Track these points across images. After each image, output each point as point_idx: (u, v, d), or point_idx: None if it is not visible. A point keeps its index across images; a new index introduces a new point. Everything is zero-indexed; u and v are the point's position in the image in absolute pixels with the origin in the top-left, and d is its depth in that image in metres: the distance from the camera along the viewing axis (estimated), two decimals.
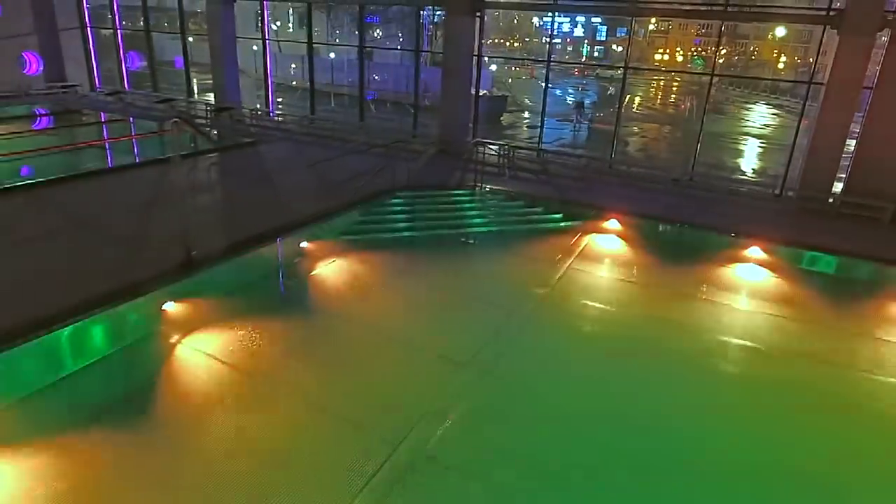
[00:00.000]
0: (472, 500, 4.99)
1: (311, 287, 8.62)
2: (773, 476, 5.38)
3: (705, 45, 57.53)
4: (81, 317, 6.36)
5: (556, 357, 7.32)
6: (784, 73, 47.08)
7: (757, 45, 58.19)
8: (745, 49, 58.36)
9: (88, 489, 4.79)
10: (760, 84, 46.77)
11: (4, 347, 5.74)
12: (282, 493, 4.85)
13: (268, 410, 5.93)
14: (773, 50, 55.45)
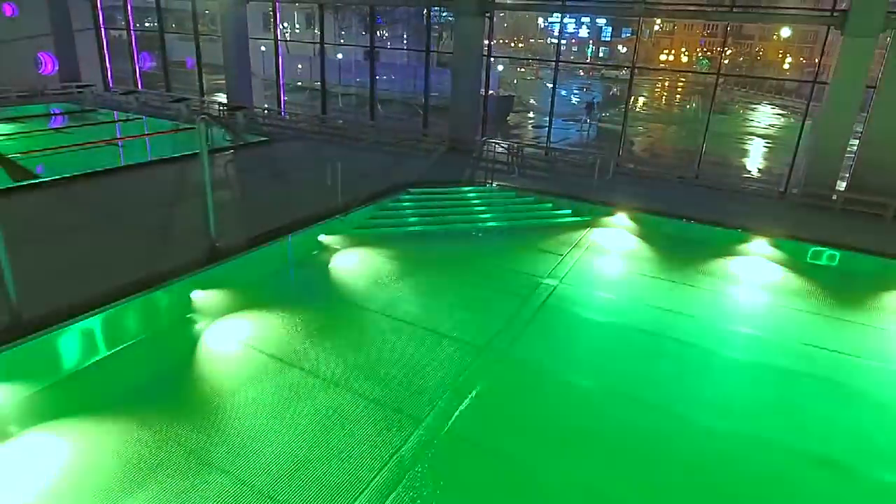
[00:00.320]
0: (487, 469, 5.33)
1: (330, 277, 8.97)
2: (776, 452, 5.71)
3: (710, 46, 57.67)
4: (115, 303, 6.71)
5: (567, 341, 7.68)
6: (789, 74, 47.17)
7: (762, 46, 58.28)
8: (751, 50, 58.47)
9: (127, 461, 5.12)
10: (765, 85, 46.90)
11: (45, 331, 6.09)
12: (312, 466, 5.17)
13: (294, 390, 6.26)
14: (779, 50, 55.53)
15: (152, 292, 7.07)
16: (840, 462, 5.66)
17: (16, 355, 5.84)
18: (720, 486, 5.28)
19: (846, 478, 5.52)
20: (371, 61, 19.24)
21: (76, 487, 4.82)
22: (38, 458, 5.15)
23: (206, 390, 6.23)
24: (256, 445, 5.44)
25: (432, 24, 33.98)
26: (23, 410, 5.65)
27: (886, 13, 11.69)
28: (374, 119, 19.37)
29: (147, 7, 25.02)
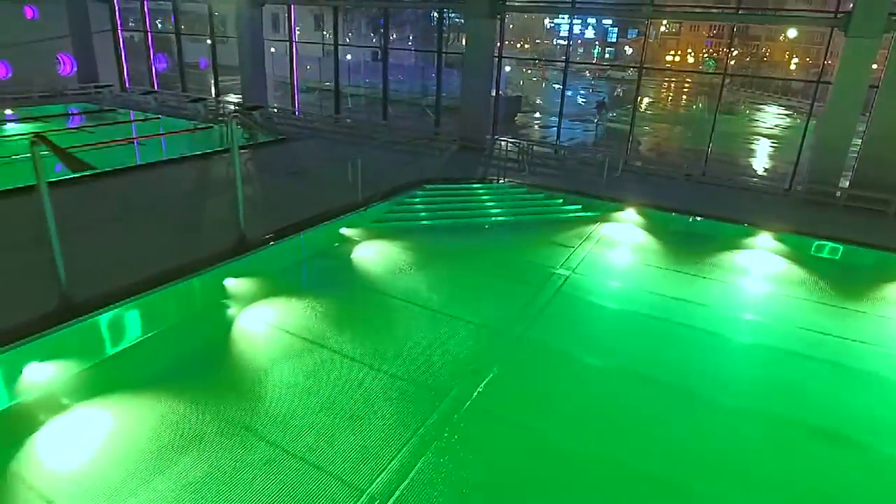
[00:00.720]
0: (509, 438, 5.76)
1: (352, 266, 9.42)
2: (787, 431, 6.12)
3: (716, 47, 57.86)
4: (156, 289, 7.15)
5: (580, 325, 8.13)
6: (796, 75, 47.38)
7: (769, 47, 58.42)
8: (757, 50, 58.63)
9: (170, 430, 5.54)
10: (772, 85, 47.10)
11: (93, 314, 6.54)
12: (343, 436, 5.58)
13: (322, 367, 6.67)
14: (785, 51, 55.68)
15: (189, 279, 7.52)
16: (839, 433, 6.07)
17: (67, 336, 6.28)
18: (726, 454, 5.68)
19: (844, 447, 5.93)
20: (384, 62, 19.68)
21: (125, 454, 5.24)
22: (89, 428, 5.59)
23: (241, 367, 6.67)
24: (290, 416, 5.86)
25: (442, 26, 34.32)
26: (74, 386, 6.09)
27: (888, 15, 12.03)
28: (386, 118, 19.81)
29: (159, 9, 25.60)
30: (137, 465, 5.10)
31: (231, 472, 5.09)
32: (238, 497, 4.83)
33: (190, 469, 5.08)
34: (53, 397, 5.88)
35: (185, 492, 4.84)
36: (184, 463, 5.14)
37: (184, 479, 4.96)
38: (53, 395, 5.91)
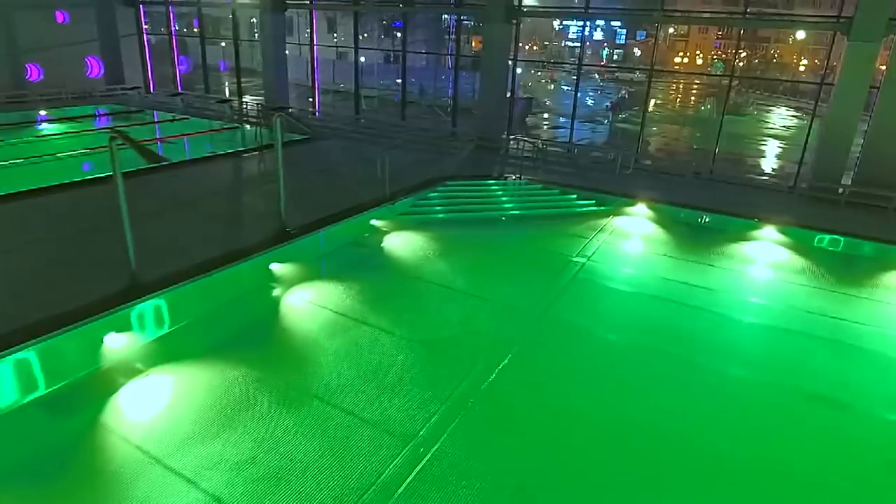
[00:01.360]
0: (534, 401, 6.45)
1: (383, 254, 10.18)
2: (788, 396, 6.80)
3: (725, 49, 58.23)
4: (210, 272, 7.91)
5: (597, 306, 8.87)
6: (804, 76, 47.74)
7: (778, 48, 58.73)
8: (766, 52, 58.98)
9: (234, 392, 6.27)
10: (780, 87, 47.48)
11: (159, 293, 7.30)
12: (386, 399, 6.28)
13: (363, 342, 7.38)
14: (794, 53, 55.99)
15: (239, 264, 8.28)
16: (832, 398, 6.77)
17: (137, 310, 7.05)
18: (731, 415, 6.38)
19: (837, 409, 6.64)
20: (402, 64, 20.44)
21: (194, 410, 5.95)
22: (162, 390, 6.34)
23: (290, 339, 7.43)
24: (338, 381, 6.54)
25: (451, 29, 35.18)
26: (144, 355, 6.84)
27: (889, 19, 12.63)
28: (404, 119, 20.56)
29: (180, 14, 26.53)
30: (206, 420, 5.81)
31: (288, 427, 5.80)
32: (296, 448, 5.52)
33: (252, 424, 5.78)
34: (129, 363, 6.64)
35: (248, 444, 5.54)
36: (246, 419, 5.85)
37: (247, 433, 5.66)
38: (129, 361, 6.67)
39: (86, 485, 5.04)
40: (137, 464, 5.25)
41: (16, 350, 5.89)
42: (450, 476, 5.24)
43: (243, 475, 5.14)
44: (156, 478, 5.08)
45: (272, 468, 5.24)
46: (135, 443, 5.49)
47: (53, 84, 23.11)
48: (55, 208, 10.42)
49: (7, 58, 22.58)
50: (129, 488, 4.98)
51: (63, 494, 4.95)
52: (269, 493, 4.96)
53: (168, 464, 5.24)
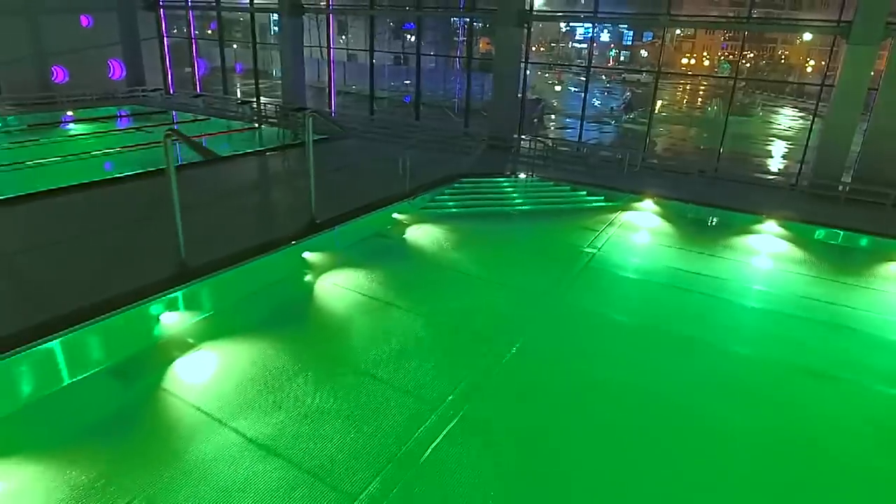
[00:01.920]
0: (554, 372, 7.10)
1: (406, 244, 10.89)
2: (785, 370, 7.45)
3: (732, 50, 58.53)
4: (250, 259, 8.61)
5: (607, 292, 9.53)
6: (811, 77, 48.05)
7: (785, 50, 59.00)
8: (773, 53, 59.28)
9: (277, 363, 6.95)
10: (787, 88, 47.82)
11: (205, 277, 7.99)
12: (414, 371, 6.93)
13: (391, 321, 8.07)
14: (801, 54, 56.24)
15: (275, 252, 8.97)
16: (825, 372, 7.41)
17: (187, 293, 7.74)
18: (734, 386, 7.03)
19: (829, 381, 7.29)
20: (417, 66, 21.13)
21: (243, 379, 6.63)
22: (214, 361, 7.02)
23: (325, 319, 8.15)
24: (369, 355, 7.23)
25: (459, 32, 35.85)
26: (195, 331, 7.53)
27: (886, 23, 13.19)
28: (418, 119, 21.24)
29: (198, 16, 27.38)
30: (253, 386, 6.50)
31: (327, 392, 6.47)
32: (336, 410, 6.18)
33: (294, 390, 6.46)
34: (182, 338, 7.33)
35: (292, 406, 6.21)
36: (288, 386, 6.52)
37: (290, 397, 6.33)
38: (182, 336, 7.36)
39: (152, 438, 5.73)
40: (196, 421, 5.94)
41: (86, 325, 6.59)
42: (475, 435, 5.90)
43: (290, 431, 5.82)
44: (212, 432, 5.78)
45: (316, 426, 5.91)
46: (192, 404, 6.18)
47: (77, 86, 23.95)
48: (104, 202, 11.17)
49: (34, 60, 23.44)
50: (190, 441, 5.67)
51: (133, 447, 5.63)
52: (316, 446, 5.63)
53: (223, 420, 5.93)
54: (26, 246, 8.90)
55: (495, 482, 5.32)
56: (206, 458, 5.46)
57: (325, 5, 22.46)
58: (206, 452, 5.52)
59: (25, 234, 9.43)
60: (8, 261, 8.39)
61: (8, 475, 5.09)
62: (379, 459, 5.47)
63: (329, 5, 22.38)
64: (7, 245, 8.98)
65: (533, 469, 5.54)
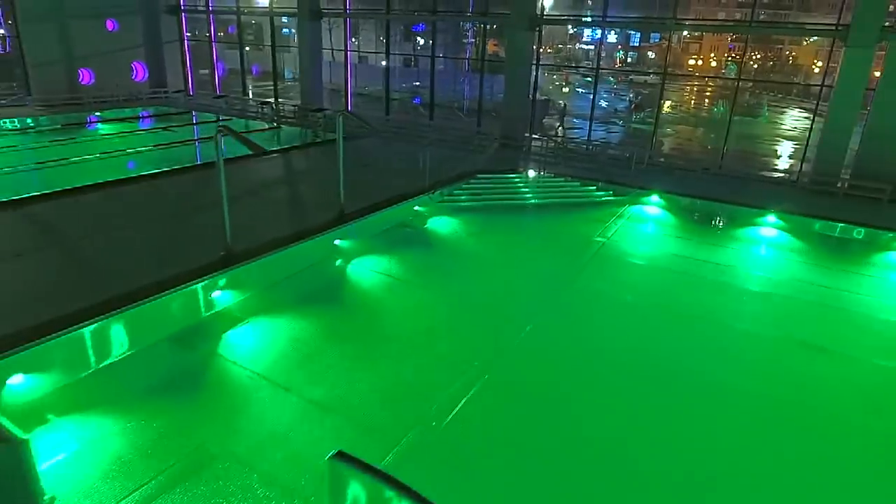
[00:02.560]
0: (571, 339, 7.86)
1: (428, 234, 11.73)
2: (782, 343, 8.21)
3: (739, 51, 58.98)
4: (286, 246, 9.41)
5: (617, 276, 10.33)
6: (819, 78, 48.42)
7: (793, 51, 59.37)
8: (780, 54, 59.68)
9: (310, 336, 7.76)
10: (794, 89, 48.26)
11: (249, 261, 8.79)
12: (435, 342, 7.72)
13: (418, 299, 8.91)
14: (810, 55, 56.61)
15: (309, 240, 9.77)
16: (819, 346, 8.17)
17: (234, 275, 8.53)
18: (735, 357, 7.80)
19: (822, 354, 8.03)
20: (431, 69, 21.93)
21: (285, 349, 7.44)
22: (259, 333, 7.82)
23: (358, 297, 9.04)
24: (402, 328, 8.05)
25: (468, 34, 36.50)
26: (242, 308, 8.32)
27: (881, 28, 13.86)
28: (432, 119, 22.04)
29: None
30: (299, 352, 7.32)
31: (364, 358, 7.27)
32: (372, 372, 6.96)
33: (333, 357, 7.27)
34: (231, 313, 8.14)
35: (337, 369, 7.01)
36: (328, 354, 7.33)
37: (330, 363, 7.12)
38: (231, 312, 8.17)
39: (212, 394, 6.55)
40: (250, 381, 6.75)
41: (149, 301, 7.40)
42: (497, 397, 6.66)
43: (332, 389, 6.60)
44: (262, 389, 6.59)
45: (355, 385, 6.69)
46: (244, 366, 6.99)
47: (103, 87, 24.91)
48: (150, 195, 12.05)
49: (63, 63, 24.41)
50: (246, 398, 6.47)
51: (195, 401, 6.43)
52: (357, 401, 6.40)
53: (272, 380, 6.74)
54: (86, 233, 9.75)
55: (516, 435, 6.07)
56: (257, 409, 6.27)
57: (342, 10, 23.30)
58: (257, 405, 6.34)
59: (83, 223, 10.28)
60: (74, 246, 9.25)
61: (91, 425, 5.88)
62: (414, 415, 6.20)
63: (346, 9, 23.22)
64: (70, 233, 9.83)
65: (548, 424, 6.28)
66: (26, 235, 9.65)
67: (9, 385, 6.02)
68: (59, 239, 9.50)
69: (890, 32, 13.94)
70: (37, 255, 8.75)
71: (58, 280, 8.00)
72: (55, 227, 10.01)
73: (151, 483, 5.12)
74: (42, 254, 8.87)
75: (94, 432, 5.74)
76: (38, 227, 10.01)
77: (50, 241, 9.45)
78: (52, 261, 8.64)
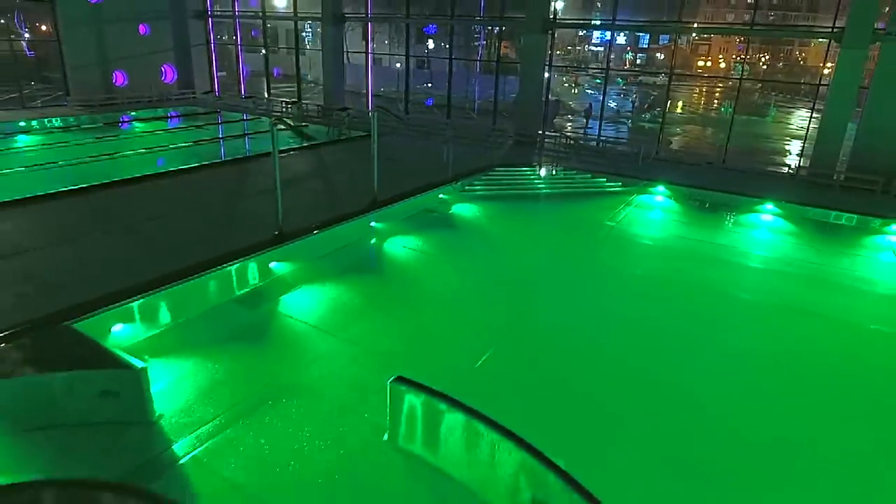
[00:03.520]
0: (584, 305, 8.96)
1: (453, 218, 12.95)
2: (779, 309, 9.32)
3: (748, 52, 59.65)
4: (333, 225, 10.59)
5: (626, 253, 11.47)
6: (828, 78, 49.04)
7: (802, 51, 59.97)
8: (789, 55, 60.33)
9: (352, 299, 8.96)
10: (801, 89, 48.91)
11: (299, 238, 9.97)
12: (462, 306, 8.87)
13: (448, 274, 10.06)
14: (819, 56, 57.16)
15: (350, 221, 10.95)
16: (809, 310, 9.33)
17: (287, 250, 9.71)
18: (734, 320, 8.92)
19: (811, 316, 9.17)
20: (449, 70, 23.08)
21: (334, 307, 8.68)
22: (310, 295, 9.02)
23: (394, 268, 10.31)
24: (436, 294, 9.25)
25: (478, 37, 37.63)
26: (295, 276, 9.49)
27: (873, 30, 14.84)
28: (449, 118, 23.18)
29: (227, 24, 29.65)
30: (346, 312, 8.56)
31: (398, 318, 8.47)
32: (411, 326, 8.18)
33: (372, 316, 8.48)
34: (286, 280, 9.33)
35: (376, 323, 8.23)
36: (367, 314, 8.51)
37: (369, 322, 8.29)
38: (285, 279, 9.36)
39: (276, 341, 7.79)
40: (304, 330, 7.99)
41: (219, 269, 8.59)
42: (516, 351, 7.77)
43: (376, 339, 7.79)
44: (317, 337, 7.84)
45: (390, 339, 7.85)
46: (300, 320, 8.21)
47: (135, 88, 26.29)
48: (200, 184, 13.31)
49: (99, 65, 25.81)
50: (303, 343, 7.70)
51: (264, 347, 7.63)
52: (399, 349, 7.55)
53: (325, 330, 7.96)
54: (149, 217, 10.97)
55: (533, 385, 7.05)
56: (313, 351, 7.53)
57: (363, 14, 24.52)
58: (312, 348, 7.60)
59: (145, 209, 11.49)
60: (141, 227, 10.46)
61: (180, 363, 7.04)
62: (442, 367, 7.16)
63: (367, 14, 24.43)
64: (136, 217, 11.04)
65: (564, 374, 7.35)
66: (100, 219, 10.88)
67: (113, 331, 7.23)
68: (129, 222, 10.70)
69: (882, 34, 14.91)
70: (115, 235, 9.98)
71: (140, 253, 9.23)
72: (122, 212, 11.22)
73: (237, 406, 6.29)
74: (121, 233, 10.10)
75: (184, 369, 6.93)
76: (106, 212, 11.23)
77: (121, 224, 10.66)
78: (129, 239, 9.88)
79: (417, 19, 24.27)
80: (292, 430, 5.95)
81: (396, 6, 25.51)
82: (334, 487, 5.31)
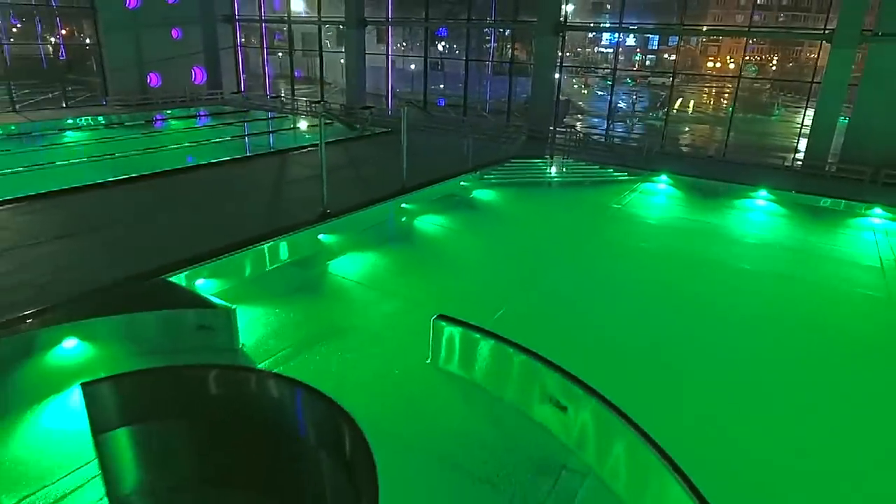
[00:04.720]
0: (594, 277, 10.31)
1: (474, 201, 14.37)
2: (772, 276, 10.62)
3: (758, 53, 60.57)
4: (369, 207, 12.02)
5: (632, 230, 12.83)
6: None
7: (811, 52, 60.57)
8: (798, 55, 61.14)
9: (389, 265, 10.37)
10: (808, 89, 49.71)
11: (342, 215, 11.40)
12: (483, 274, 10.25)
13: (467, 246, 11.47)
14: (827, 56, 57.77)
15: (384, 203, 12.40)
16: (802, 277, 10.62)
17: (332, 226, 11.13)
18: (733, 285, 10.19)
19: (803, 283, 10.44)
20: (466, 72, 24.49)
21: (375, 270, 10.13)
22: (352, 262, 10.41)
23: (420, 242, 11.70)
24: (450, 263, 10.63)
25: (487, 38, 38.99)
26: (340, 245, 10.88)
27: (861, 31, 16.06)
28: (465, 115, 24.59)
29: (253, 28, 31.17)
30: (384, 273, 9.98)
31: (430, 281, 9.83)
32: (441, 284, 9.58)
33: (408, 280, 9.83)
34: (333, 249, 10.76)
35: (412, 280, 9.67)
36: (403, 278, 9.90)
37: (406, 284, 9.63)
38: (332, 248, 10.78)
39: (330, 294, 9.24)
40: (356, 287, 9.43)
41: (280, 239, 10.05)
42: (532, 311, 9.06)
43: (413, 292, 9.20)
44: (365, 291, 9.30)
45: (427, 293, 9.24)
46: (349, 278, 9.64)
47: (167, 89, 27.93)
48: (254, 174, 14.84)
49: (136, 68, 27.48)
50: (354, 296, 9.11)
51: (320, 298, 9.07)
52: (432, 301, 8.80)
53: (370, 286, 9.45)
54: (204, 200, 12.46)
55: (544, 332, 8.19)
56: (361, 301, 8.96)
57: (384, 18, 26.01)
58: (361, 299, 9.03)
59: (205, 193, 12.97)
60: (203, 207, 11.95)
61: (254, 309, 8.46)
62: (474, 311, 8.31)
63: (388, 18, 25.92)
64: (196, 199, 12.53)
65: (575, 330, 8.54)
66: (168, 199, 12.36)
67: (198, 284, 8.70)
68: (194, 203, 12.18)
69: (869, 35, 16.12)
70: (182, 214, 11.48)
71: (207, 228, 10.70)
72: (185, 195, 12.71)
73: (303, 340, 7.71)
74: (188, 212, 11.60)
75: (258, 312, 8.35)
76: (172, 196, 12.71)
77: (187, 205, 12.10)
78: (196, 217, 11.36)
79: (436, 22, 25.68)
80: (350, 357, 7.36)
81: (409, 10, 26.93)
82: (386, 396, 6.68)
